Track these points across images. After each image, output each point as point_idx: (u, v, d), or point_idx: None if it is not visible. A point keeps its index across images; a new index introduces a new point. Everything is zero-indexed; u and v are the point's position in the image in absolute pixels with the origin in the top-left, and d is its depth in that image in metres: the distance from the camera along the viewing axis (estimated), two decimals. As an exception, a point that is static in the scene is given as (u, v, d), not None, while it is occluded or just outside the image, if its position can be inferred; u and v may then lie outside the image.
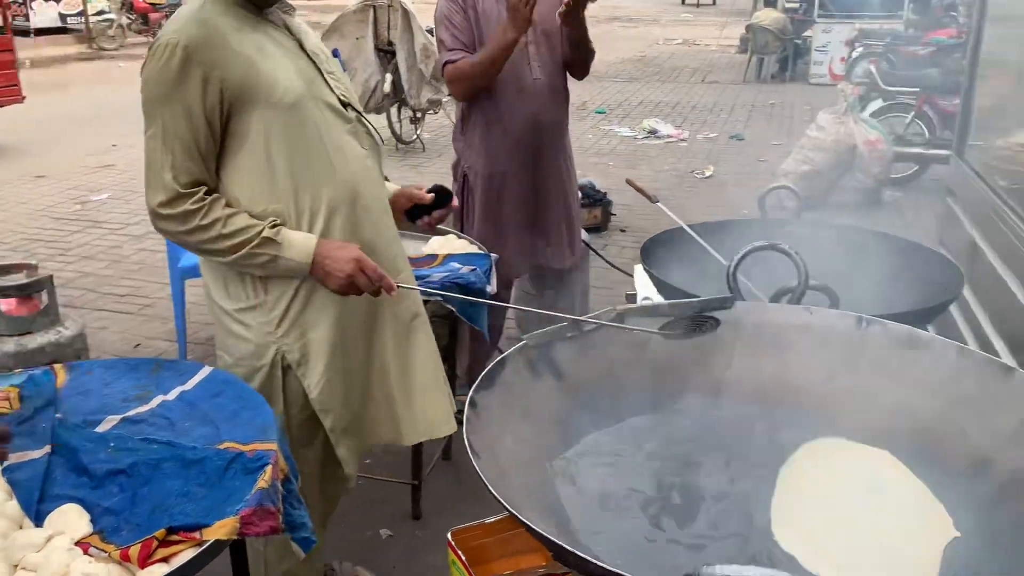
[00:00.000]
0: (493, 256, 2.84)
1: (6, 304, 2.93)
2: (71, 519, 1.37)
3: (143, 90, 1.75)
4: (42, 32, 16.34)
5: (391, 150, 8.19)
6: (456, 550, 1.97)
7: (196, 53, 1.69)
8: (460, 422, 1.31)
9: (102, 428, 1.61)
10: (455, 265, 2.70)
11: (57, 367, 1.82)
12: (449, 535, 2.00)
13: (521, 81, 3.04)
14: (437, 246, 2.92)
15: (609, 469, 1.37)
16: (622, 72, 13.95)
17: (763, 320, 1.57)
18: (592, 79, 12.87)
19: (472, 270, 2.66)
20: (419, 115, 8.23)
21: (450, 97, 6.51)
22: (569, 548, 0.96)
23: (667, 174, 7.57)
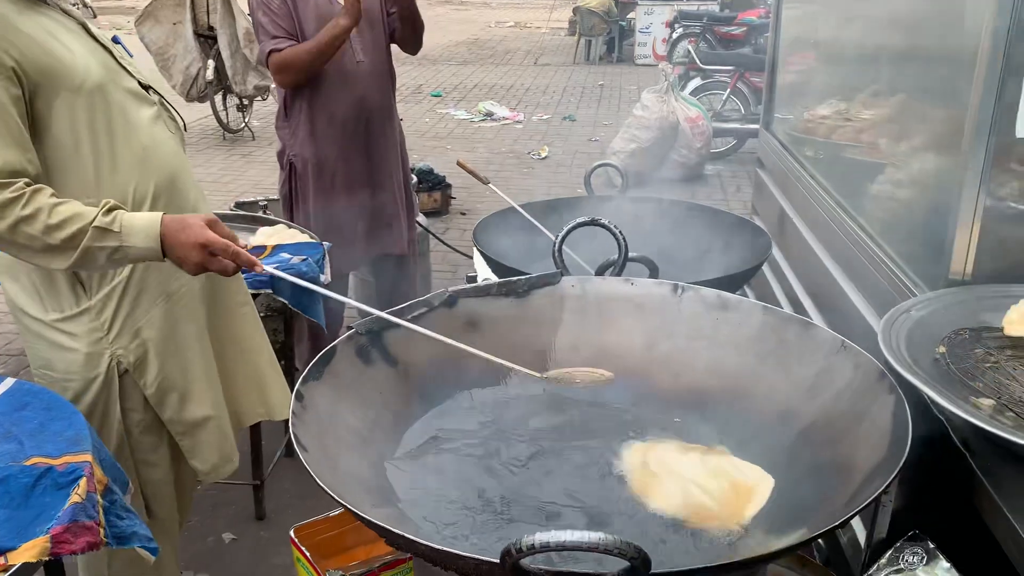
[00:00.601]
0: (326, 245, 2.78)
1: None
2: None
3: None
4: None
5: (218, 140, 7.83)
6: (299, 547, 1.93)
7: None
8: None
9: None
10: (285, 256, 2.62)
11: None
12: (292, 532, 1.96)
13: (344, 65, 2.98)
14: (265, 236, 2.82)
15: (443, 450, 1.38)
16: (456, 55, 13.99)
17: (588, 293, 1.62)
18: (426, 62, 12.89)
19: (303, 260, 2.59)
20: (246, 102, 7.91)
21: (278, 83, 6.29)
22: (398, 532, 0.96)
23: (504, 156, 7.67)
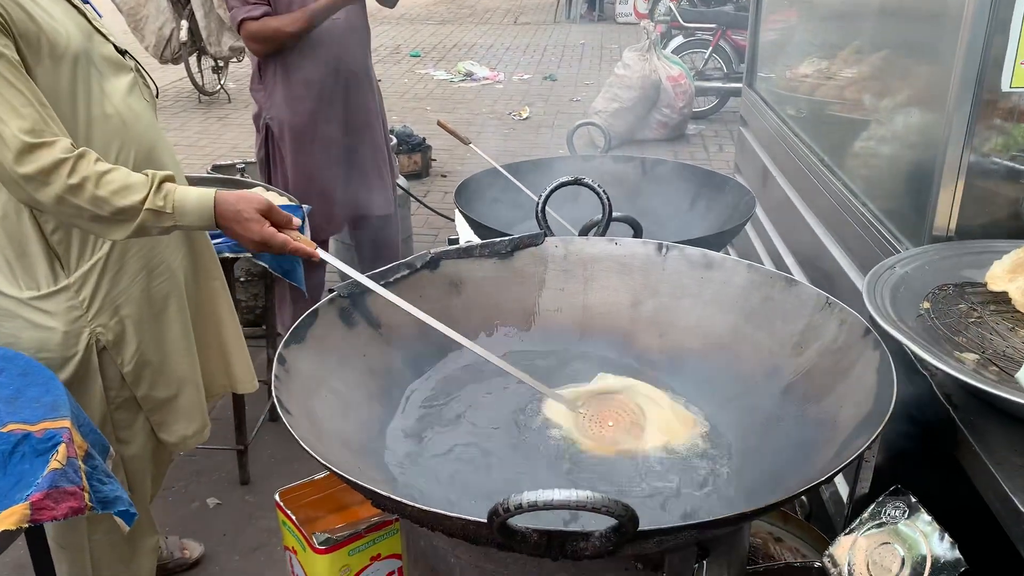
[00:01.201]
0: (305, 207, 2.74)
1: None
2: None
3: None
4: None
5: (194, 103, 7.69)
6: (285, 510, 1.93)
7: None
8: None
9: None
10: (265, 219, 2.57)
11: None
12: (277, 496, 1.95)
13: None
14: (244, 200, 2.78)
15: (427, 411, 1.37)
16: (435, 14, 13.78)
17: (571, 253, 1.61)
18: (404, 21, 12.69)
19: (284, 223, 2.55)
20: (221, 64, 7.75)
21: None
22: (383, 493, 0.95)
23: (484, 116, 7.59)
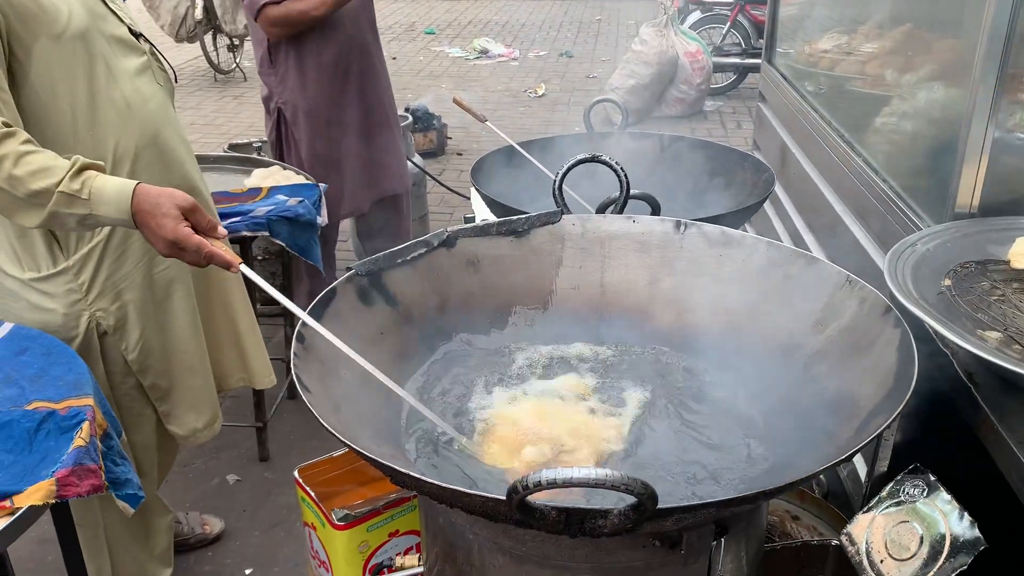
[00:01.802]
0: (322, 186, 2.74)
1: None
2: None
3: None
4: None
5: (209, 81, 7.68)
6: (304, 487, 1.95)
7: None
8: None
9: None
10: (281, 198, 2.58)
11: None
12: (296, 472, 1.97)
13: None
14: (260, 178, 2.79)
15: (446, 389, 1.38)
16: (449, -10, 13.65)
17: (589, 231, 1.59)
18: (419, -2, 12.57)
19: (300, 201, 2.55)
20: (236, 42, 7.74)
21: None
22: (402, 470, 0.95)
23: (500, 94, 7.55)
